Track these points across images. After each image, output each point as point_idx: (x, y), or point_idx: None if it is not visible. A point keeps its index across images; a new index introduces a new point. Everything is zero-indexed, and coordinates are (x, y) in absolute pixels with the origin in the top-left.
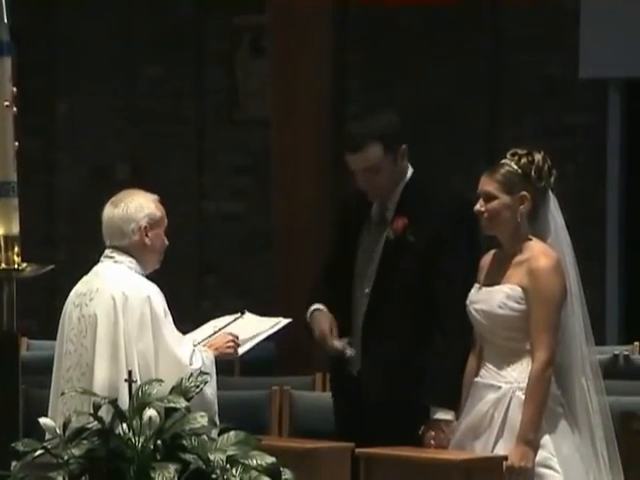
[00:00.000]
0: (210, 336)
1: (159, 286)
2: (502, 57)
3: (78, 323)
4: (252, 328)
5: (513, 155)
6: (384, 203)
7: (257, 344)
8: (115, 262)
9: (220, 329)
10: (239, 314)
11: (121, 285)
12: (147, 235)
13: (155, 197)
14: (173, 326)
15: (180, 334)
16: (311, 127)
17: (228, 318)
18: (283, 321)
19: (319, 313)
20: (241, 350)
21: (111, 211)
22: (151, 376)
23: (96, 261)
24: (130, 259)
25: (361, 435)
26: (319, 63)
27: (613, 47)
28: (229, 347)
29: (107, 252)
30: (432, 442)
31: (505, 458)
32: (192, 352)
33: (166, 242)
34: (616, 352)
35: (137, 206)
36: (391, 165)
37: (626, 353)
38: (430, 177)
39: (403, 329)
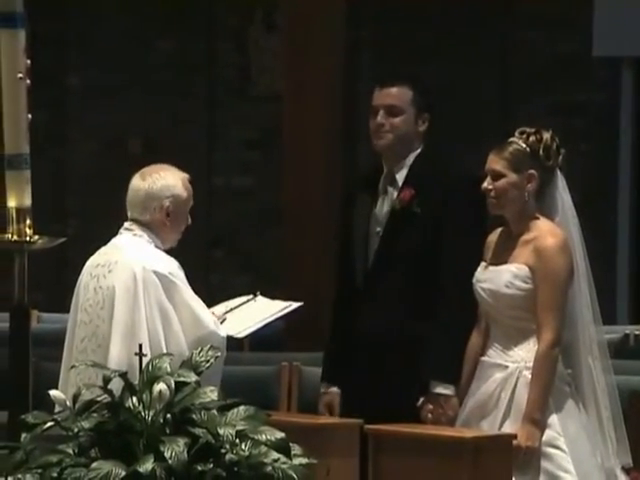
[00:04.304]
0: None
1: None
2: (515, 34)
3: (94, 294)
4: (262, 311)
5: (521, 134)
6: (392, 172)
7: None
8: (134, 235)
9: (231, 309)
10: (251, 296)
11: (141, 259)
12: (168, 215)
13: (185, 176)
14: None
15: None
16: (322, 103)
17: (241, 299)
18: (294, 305)
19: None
20: (245, 332)
21: (138, 183)
22: (172, 342)
23: (114, 233)
24: (149, 233)
25: (364, 408)
26: (331, 39)
27: (627, 25)
28: None
29: (127, 224)
30: (429, 416)
31: (514, 436)
32: (216, 321)
33: (189, 221)
34: (627, 332)
35: (163, 185)
36: (411, 119)
37: (637, 333)
38: (440, 153)
39: (404, 302)
